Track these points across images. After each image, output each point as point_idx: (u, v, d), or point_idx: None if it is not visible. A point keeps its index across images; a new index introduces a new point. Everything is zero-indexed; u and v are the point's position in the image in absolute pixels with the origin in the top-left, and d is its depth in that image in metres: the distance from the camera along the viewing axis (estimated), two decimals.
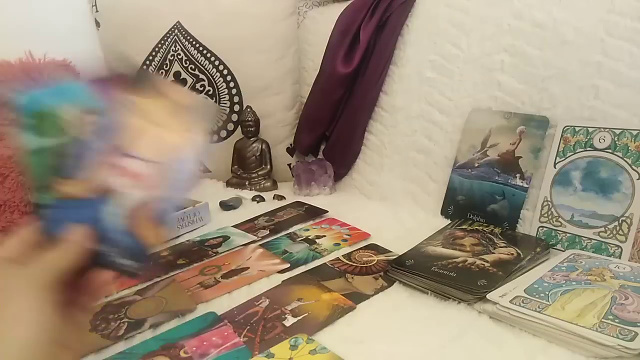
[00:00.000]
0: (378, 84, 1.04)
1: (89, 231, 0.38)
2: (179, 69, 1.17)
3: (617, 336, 0.47)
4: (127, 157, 0.40)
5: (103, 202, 0.39)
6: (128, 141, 0.40)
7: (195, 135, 0.42)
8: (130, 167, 0.40)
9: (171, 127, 0.42)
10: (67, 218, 0.39)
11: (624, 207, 0.68)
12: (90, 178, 0.40)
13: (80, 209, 0.39)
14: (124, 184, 0.40)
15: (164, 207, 0.41)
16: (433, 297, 0.62)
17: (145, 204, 0.40)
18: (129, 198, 0.39)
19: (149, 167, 0.40)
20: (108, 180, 0.40)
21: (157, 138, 0.41)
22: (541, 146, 0.78)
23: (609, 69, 0.74)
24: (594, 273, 0.60)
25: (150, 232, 0.40)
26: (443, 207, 0.89)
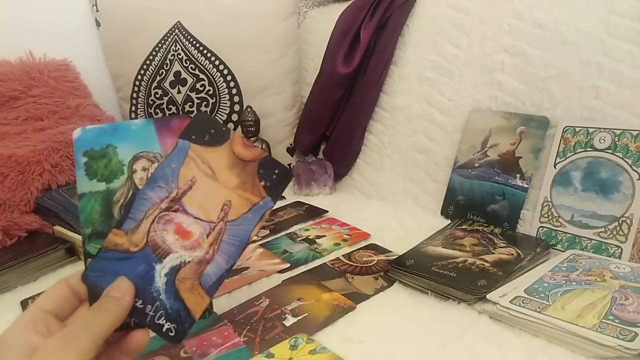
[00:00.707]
0: (378, 84, 1.04)
1: (134, 288, 0.36)
2: (179, 69, 1.17)
3: (617, 336, 0.47)
4: (181, 213, 0.38)
5: (152, 259, 0.37)
6: (184, 195, 0.38)
7: (255, 198, 0.38)
8: (183, 225, 0.38)
9: (230, 184, 0.39)
10: (113, 271, 0.37)
11: (624, 207, 0.68)
12: (142, 231, 0.37)
13: (128, 262, 0.37)
14: (176, 242, 0.38)
15: (212, 271, 0.38)
16: (433, 297, 0.62)
17: (194, 268, 0.38)
18: (178, 258, 0.38)
19: (203, 227, 0.38)
20: (160, 236, 0.38)
21: (215, 196, 0.38)
22: (541, 146, 0.78)
23: (610, 69, 0.74)
24: (594, 273, 0.60)
25: (196, 297, 0.38)
26: (443, 207, 0.89)
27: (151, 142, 0.39)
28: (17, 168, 0.85)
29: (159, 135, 0.39)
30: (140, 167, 0.38)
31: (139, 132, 0.39)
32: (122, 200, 0.38)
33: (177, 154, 0.38)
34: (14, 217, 0.81)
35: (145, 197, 0.38)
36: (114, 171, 0.38)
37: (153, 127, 0.39)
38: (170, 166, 0.38)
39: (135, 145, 0.39)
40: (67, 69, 1.14)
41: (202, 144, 0.39)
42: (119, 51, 1.22)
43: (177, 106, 1.19)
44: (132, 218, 0.38)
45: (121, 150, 0.39)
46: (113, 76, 1.26)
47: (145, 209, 0.38)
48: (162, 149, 0.39)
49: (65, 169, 0.91)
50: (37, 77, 1.07)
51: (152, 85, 1.20)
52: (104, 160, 0.38)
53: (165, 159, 0.38)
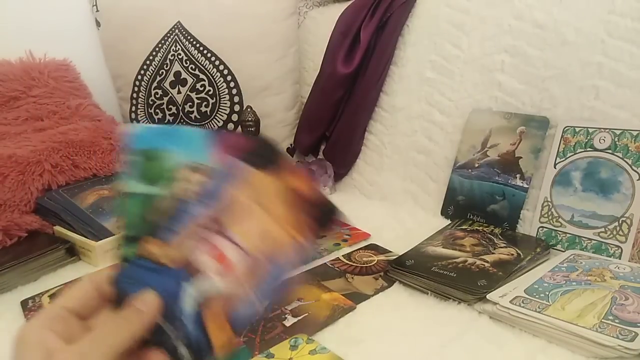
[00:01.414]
0: (378, 84, 1.04)
1: (160, 303, 0.34)
2: (180, 69, 1.17)
3: (617, 336, 0.47)
4: (223, 237, 0.35)
5: (184, 277, 0.34)
6: (229, 218, 0.35)
7: (302, 238, 0.35)
8: (223, 250, 0.35)
9: (280, 217, 0.35)
10: (143, 280, 0.34)
11: (624, 207, 0.68)
12: (179, 246, 0.35)
13: (159, 275, 0.35)
14: (212, 267, 0.35)
15: (243, 309, 0.35)
16: (433, 297, 0.62)
17: (225, 299, 0.35)
18: (211, 285, 0.34)
19: (242, 257, 0.35)
20: (196, 255, 0.35)
21: (261, 226, 0.35)
22: (541, 146, 0.78)
23: (610, 69, 0.74)
24: (594, 273, 0.60)
25: (220, 331, 0.35)
26: (443, 207, 0.89)
27: (203, 153, 0.36)
28: (17, 168, 0.85)
29: (212, 148, 0.36)
30: (186, 177, 0.35)
31: (192, 140, 0.37)
32: (164, 209, 0.35)
33: (230, 173, 0.35)
34: (14, 217, 0.81)
35: (188, 211, 0.35)
36: (162, 176, 0.36)
37: (208, 138, 0.37)
38: (220, 184, 0.35)
39: (187, 152, 0.36)
40: (67, 69, 1.14)
41: (258, 167, 0.36)
42: (119, 51, 1.22)
43: (177, 106, 1.19)
44: (171, 230, 0.35)
45: (173, 156, 0.36)
46: (113, 76, 1.26)
47: (186, 223, 0.35)
48: (213, 162, 0.36)
49: (66, 169, 0.91)
50: (37, 77, 1.07)
51: (152, 86, 1.20)
52: (155, 162, 0.36)
53: (216, 176, 0.35)
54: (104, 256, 0.76)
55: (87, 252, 0.77)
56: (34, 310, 0.63)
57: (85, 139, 0.96)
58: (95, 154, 0.96)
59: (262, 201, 0.35)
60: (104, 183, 0.93)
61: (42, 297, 0.67)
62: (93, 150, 0.96)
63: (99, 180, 0.94)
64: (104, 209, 0.86)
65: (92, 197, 0.89)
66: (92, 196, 0.89)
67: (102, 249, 0.76)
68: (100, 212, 0.85)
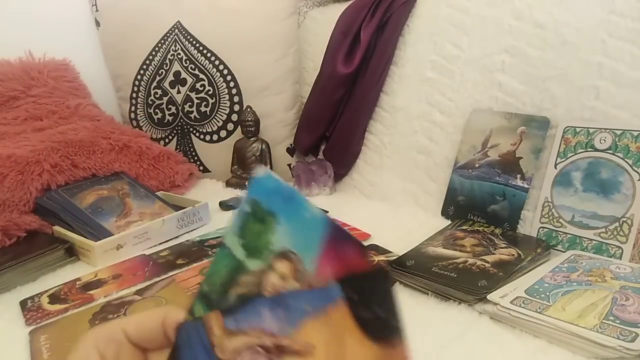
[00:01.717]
0: (378, 84, 1.04)
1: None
2: (179, 69, 1.17)
3: (618, 337, 0.47)
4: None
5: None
6: (289, 350, 0.26)
7: None
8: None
9: None
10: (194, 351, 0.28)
11: (625, 207, 0.68)
12: (234, 345, 0.28)
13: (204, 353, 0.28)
14: None
15: None
16: (433, 297, 0.61)
17: None
18: None
19: None
20: None
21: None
22: (542, 147, 0.78)
23: (610, 69, 0.74)
24: (594, 274, 0.60)
25: None
26: (443, 207, 0.89)
27: (309, 247, 0.27)
28: (17, 168, 0.85)
29: (323, 248, 0.27)
30: (279, 268, 0.28)
31: (305, 222, 0.28)
32: (243, 292, 0.29)
33: (319, 297, 0.26)
34: (13, 217, 0.81)
35: (260, 311, 0.27)
36: (258, 247, 0.28)
37: (324, 230, 0.28)
38: (303, 305, 0.27)
39: (291, 235, 0.28)
40: (66, 68, 1.14)
41: (355, 310, 0.26)
42: (118, 51, 1.22)
43: (176, 106, 1.19)
44: (236, 320, 0.28)
45: (279, 229, 0.28)
46: (113, 76, 1.26)
47: (249, 323, 0.28)
48: (314, 267, 0.27)
49: (65, 169, 0.90)
50: (36, 77, 1.07)
51: (152, 85, 1.20)
52: (259, 226, 0.28)
53: (305, 291, 0.27)
54: (103, 256, 0.76)
55: (86, 252, 0.77)
56: (33, 310, 0.63)
57: (85, 139, 0.96)
58: (95, 154, 0.96)
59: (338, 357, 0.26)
60: (103, 183, 0.93)
61: (41, 297, 0.67)
62: (92, 150, 0.96)
63: (98, 180, 0.93)
64: (103, 209, 0.86)
65: (91, 197, 0.88)
66: (92, 196, 0.89)
67: (101, 249, 0.76)
68: (99, 212, 0.85)
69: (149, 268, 0.73)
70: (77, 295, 0.67)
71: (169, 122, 1.21)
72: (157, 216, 0.86)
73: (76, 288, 0.69)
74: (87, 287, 0.69)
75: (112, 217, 0.85)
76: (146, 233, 0.81)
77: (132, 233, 0.80)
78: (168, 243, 0.83)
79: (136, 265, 0.75)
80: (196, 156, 1.22)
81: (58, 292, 0.68)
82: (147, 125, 1.24)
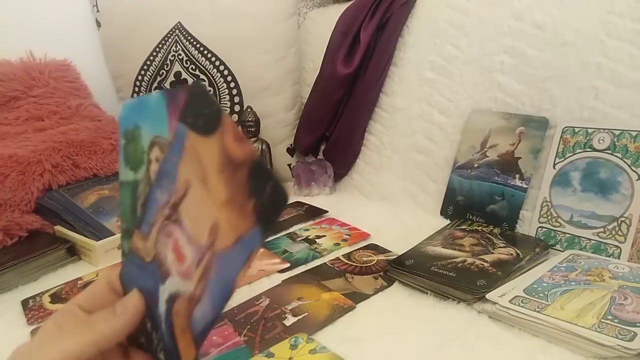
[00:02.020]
0: (378, 84, 1.05)
1: (142, 306, 0.32)
2: (180, 69, 1.18)
3: (616, 336, 0.47)
4: (178, 226, 0.29)
5: (157, 277, 0.31)
6: (180, 201, 0.29)
7: (240, 222, 0.27)
8: (179, 243, 0.30)
9: (218, 194, 0.27)
10: (135, 277, 0.32)
11: (623, 207, 0.68)
12: (152, 239, 0.31)
13: (143, 272, 0.32)
14: (173, 264, 0.30)
15: (200, 318, 0.29)
16: (433, 297, 0.62)
17: (186, 303, 0.30)
18: (175, 285, 0.30)
19: (193, 250, 0.29)
20: (163, 250, 0.31)
21: (203, 209, 0.28)
22: (541, 147, 0.79)
23: (609, 70, 0.74)
24: (593, 273, 0.60)
25: (186, 343, 0.30)
26: (443, 207, 0.90)
27: (162, 123, 0.30)
28: (18, 168, 0.85)
29: (168, 114, 0.30)
30: (154, 157, 0.30)
31: (154, 109, 0.31)
32: (142, 197, 0.31)
33: (177, 144, 0.29)
34: (14, 217, 0.81)
35: (154, 197, 0.30)
36: (139, 158, 0.31)
37: (164, 102, 0.30)
38: (172, 161, 0.29)
39: (152, 126, 0.31)
40: (67, 69, 1.14)
41: (197, 130, 0.28)
42: (119, 51, 1.22)
43: None
44: (146, 221, 0.31)
45: (144, 132, 0.31)
46: (113, 76, 1.26)
47: (154, 212, 0.31)
48: (170, 133, 0.30)
49: (66, 169, 0.91)
50: (37, 78, 1.07)
51: (153, 86, 1.20)
52: (133, 144, 0.31)
53: (168, 150, 0.29)
54: (105, 256, 0.76)
55: (88, 252, 0.77)
56: (34, 309, 0.64)
57: (86, 139, 0.96)
58: (96, 154, 0.96)
59: (204, 177, 0.28)
60: (105, 183, 0.93)
61: (43, 296, 0.67)
62: (93, 150, 0.96)
63: (99, 180, 0.94)
64: (104, 209, 0.86)
65: (92, 197, 0.89)
66: (93, 196, 0.89)
67: (102, 248, 0.76)
68: (100, 211, 0.85)
69: None
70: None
71: None
72: None
73: (77, 288, 0.69)
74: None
75: (113, 217, 0.85)
76: None
77: None
78: None
79: None
80: None
81: (59, 292, 0.68)
82: None
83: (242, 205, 0.27)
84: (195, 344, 0.30)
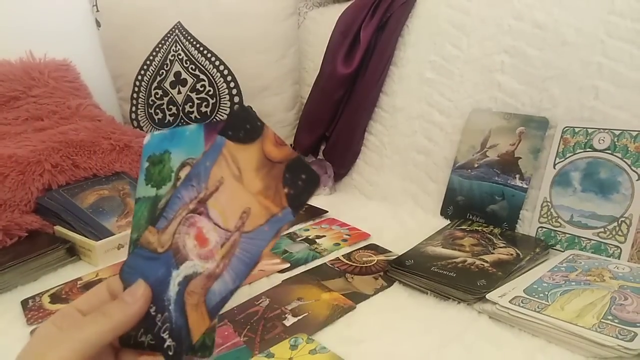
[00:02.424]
0: (378, 84, 1.05)
1: (149, 294, 0.35)
2: (180, 69, 1.18)
3: (617, 336, 0.47)
4: (204, 216, 0.34)
5: (171, 263, 0.35)
6: (210, 196, 0.34)
7: (273, 206, 0.32)
8: (203, 230, 0.34)
9: (253, 187, 0.33)
10: (140, 269, 0.35)
11: (624, 207, 0.68)
12: (169, 232, 0.35)
13: (153, 263, 0.35)
14: (193, 249, 0.34)
15: (218, 291, 0.33)
16: (433, 297, 0.62)
17: (203, 281, 0.34)
18: (192, 268, 0.34)
19: (219, 234, 0.34)
20: (182, 239, 0.35)
21: (235, 199, 0.33)
22: (541, 147, 0.79)
23: (609, 70, 0.74)
24: (593, 273, 0.60)
25: (198, 317, 0.34)
26: (443, 207, 0.90)
27: (198, 147, 0.36)
28: (18, 168, 0.85)
29: (205, 140, 0.36)
30: (184, 175, 0.36)
31: (190, 138, 0.37)
32: (164, 201, 0.37)
33: (212, 152, 0.34)
34: (14, 217, 0.81)
35: (179, 196, 0.35)
36: (165, 177, 0.37)
37: (202, 131, 0.37)
38: (205, 164, 0.35)
39: (186, 151, 0.37)
40: (67, 69, 1.14)
41: (237, 140, 0.34)
42: (119, 51, 1.22)
43: (177, 106, 1.20)
44: (165, 217, 0.36)
45: (174, 157, 0.37)
46: (113, 76, 1.26)
47: (177, 208, 0.35)
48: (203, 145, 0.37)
49: (66, 169, 0.91)
50: (37, 78, 1.07)
51: (153, 86, 1.20)
52: (159, 166, 0.37)
53: (202, 157, 0.35)
54: (104, 256, 0.76)
55: (87, 252, 0.77)
56: (34, 310, 0.64)
57: (86, 139, 0.96)
58: (96, 154, 0.96)
59: (239, 174, 0.33)
60: (104, 183, 0.93)
61: (42, 296, 0.67)
62: (93, 150, 0.96)
63: (99, 180, 0.94)
64: (104, 209, 0.86)
65: (92, 197, 0.89)
66: (93, 196, 0.89)
67: (102, 248, 0.76)
68: (100, 211, 0.85)
69: None
70: (78, 295, 0.67)
71: (170, 123, 1.22)
72: None
73: (77, 288, 0.69)
74: (88, 286, 0.69)
75: (113, 217, 0.85)
76: None
77: None
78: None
79: None
80: None
81: (59, 292, 0.68)
82: (147, 125, 1.24)
83: (276, 192, 0.32)
84: (210, 315, 0.34)
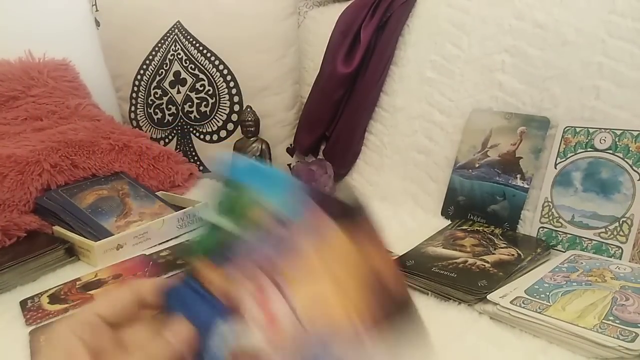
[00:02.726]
0: (378, 84, 1.04)
1: (193, 337, 0.31)
2: (179, 69, 1.17)
3: (618, 337, 0.47)
4: (279, 291, 0.31)
5: (221, 313, 0.31)
6: (293, 272, 0.31)
7: (362, 325, 0.29)
8: (273, 306, 0.30)
9: (347, 293, 0.30)
10: (187, 304, 0.32)
11: (625, 207, 0.68)
12: (227, 275, 0.32)
13: (201, 302, 0.32)
14: (256, 318, 0.31)
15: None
16: (433, 297, 0.62)
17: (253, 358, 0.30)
18: (248, 337, 0.31)
19: (292, 323, 0.30)
20: (242, 295, 0.31)
21: (323, 296, 0.30)
22: (542, 147, 0.78)
23: (610, 69, 0.74)
24: (594, 274, 0.60)
25: None
26: (443, 207, 0.89)
27: (291, 204, 0.33)
28: (17, 168, 0.85)
29: (305, 202, 0.32)
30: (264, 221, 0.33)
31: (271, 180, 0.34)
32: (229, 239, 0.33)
33: (314, 228, 0.31)
34: (13, 217, 0.81)
35: (254, 246, 0.32)
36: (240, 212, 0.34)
37: (299, 189, 0.33)
38: (298, 235, 0.31)
39: (272, 196, 0.33)
40: (66, 68, 1.14)
41: (340, 221, 0.31)
42: (118, 51, 1.22)
43: (176, 106, 1.19)
44: (224, 256, 0.33)
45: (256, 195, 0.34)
46: (112, 76, 1.26)
47: (249, 259, 0.32)
48: (302, 219, 0.32)
49: (65, 169, 0.90)
50: (36, 77, 1.07)
51: (152, 85, 1.20)
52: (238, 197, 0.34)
53: (300, 221, 0.32)
54: (103, 256, 0.76)
55: (86, 252, 0.77)
56: (33, 310, 0.63)
57: (85, 139, 0.96)
58: (95, 154, 0.96)
59: (334, 268, 0.30)
60: (103, 183, 0.93)
61: (42, 297, 0.67)
62: (92, 150, 0.96)
63: (98, 180, 0.93)
64: (103, 209, 0.86)
65: (91, 197, 0.88)
66: (92, 196, 0.89)
67: (101, 249, 0.76)
68: (99, 212, 0.85)
69: (149, 268, 0.73)
70: (77, 295, 0.67)
71: (169, 122, 1.21)
72: (157, 216, 0.86)
73: (76, 288, 0.69)
74: (87, 287, 0.69)
75: (112, 217, 0.85)
76: (146, 233, 0.81)
77: (132, 233, 0.80)
78: (168, 243, 0.83)
79: (136, 266, 0.75)
80: (196, 156, 1.22)
81: (58, 292, 0.68)
82: (147, 125, 1.24)
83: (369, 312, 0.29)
84: None
